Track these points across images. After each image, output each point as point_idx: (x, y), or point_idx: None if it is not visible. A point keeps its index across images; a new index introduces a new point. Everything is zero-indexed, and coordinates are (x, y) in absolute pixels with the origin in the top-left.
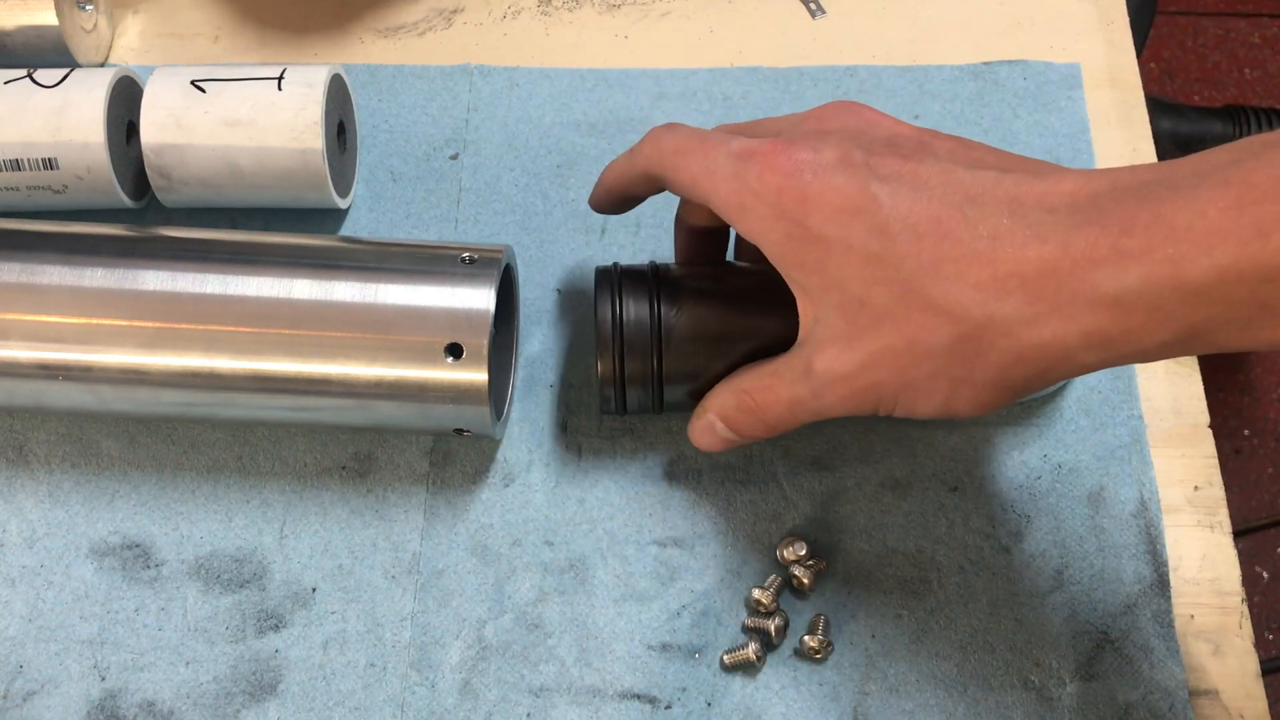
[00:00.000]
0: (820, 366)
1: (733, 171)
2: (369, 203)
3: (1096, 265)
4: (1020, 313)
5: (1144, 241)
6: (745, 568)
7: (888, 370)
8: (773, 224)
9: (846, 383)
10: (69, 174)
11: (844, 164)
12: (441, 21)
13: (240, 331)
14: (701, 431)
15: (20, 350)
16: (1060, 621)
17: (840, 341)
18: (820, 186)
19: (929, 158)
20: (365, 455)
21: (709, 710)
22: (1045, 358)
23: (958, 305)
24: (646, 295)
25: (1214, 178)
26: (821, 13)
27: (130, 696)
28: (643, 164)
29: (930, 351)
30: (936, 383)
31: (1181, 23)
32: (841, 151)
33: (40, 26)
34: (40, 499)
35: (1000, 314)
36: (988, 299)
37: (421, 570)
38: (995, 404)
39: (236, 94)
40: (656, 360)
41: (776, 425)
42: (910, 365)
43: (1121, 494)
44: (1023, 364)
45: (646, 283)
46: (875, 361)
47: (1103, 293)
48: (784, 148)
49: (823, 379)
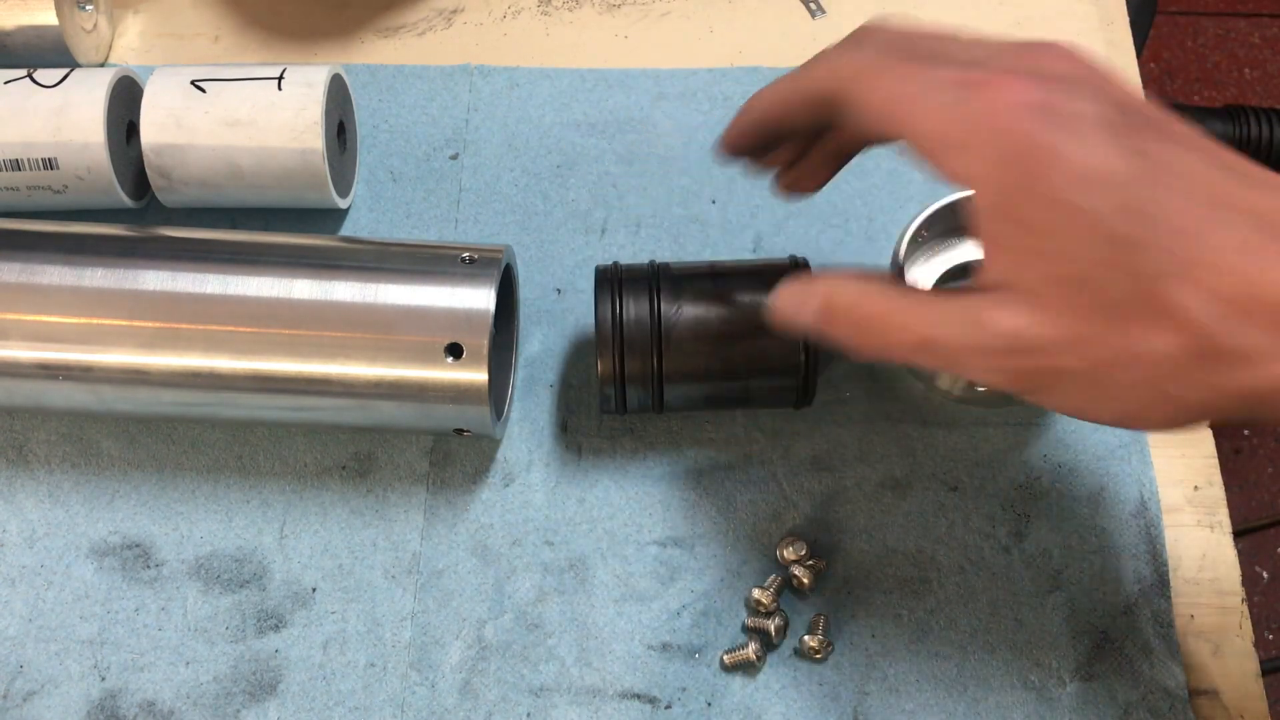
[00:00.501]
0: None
1: (949, 100)
2: (369, 203)
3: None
4: (1266, 343)
5: None
6: (745, 568)
7: (1086, 360)
8: (995, 169)
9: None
10: (69, 174)
11: (1102, 122)
12: (441, 21)
13: (240, 331)
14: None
15: (20, 350)
16: (1060, 621)
17: (1038, 309)
18: (1071, 143)
19: (1179, 142)
20: (365, 455)
21: (709, 710)
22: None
23: (1197, 318)
24: (647, 294)
25: None
26: (821, 13)
27: (130, 696)
28: (814, 85)
29: (1147, 357)
30: (1137, 392)
31: (1181, 23)
32: (1098, 107)
33: (40, 26)
34: (40, 499)
35: (1243, 340)
36: (1233, 319)
37: (421, 570)
38: (1187, 426)
39: (236, 94)
40: (656, 359)
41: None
42: (1115, 364)
43: (1121, 494)
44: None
45: (647, 282)
46: (1075, 345)
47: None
48: (1029, 84)
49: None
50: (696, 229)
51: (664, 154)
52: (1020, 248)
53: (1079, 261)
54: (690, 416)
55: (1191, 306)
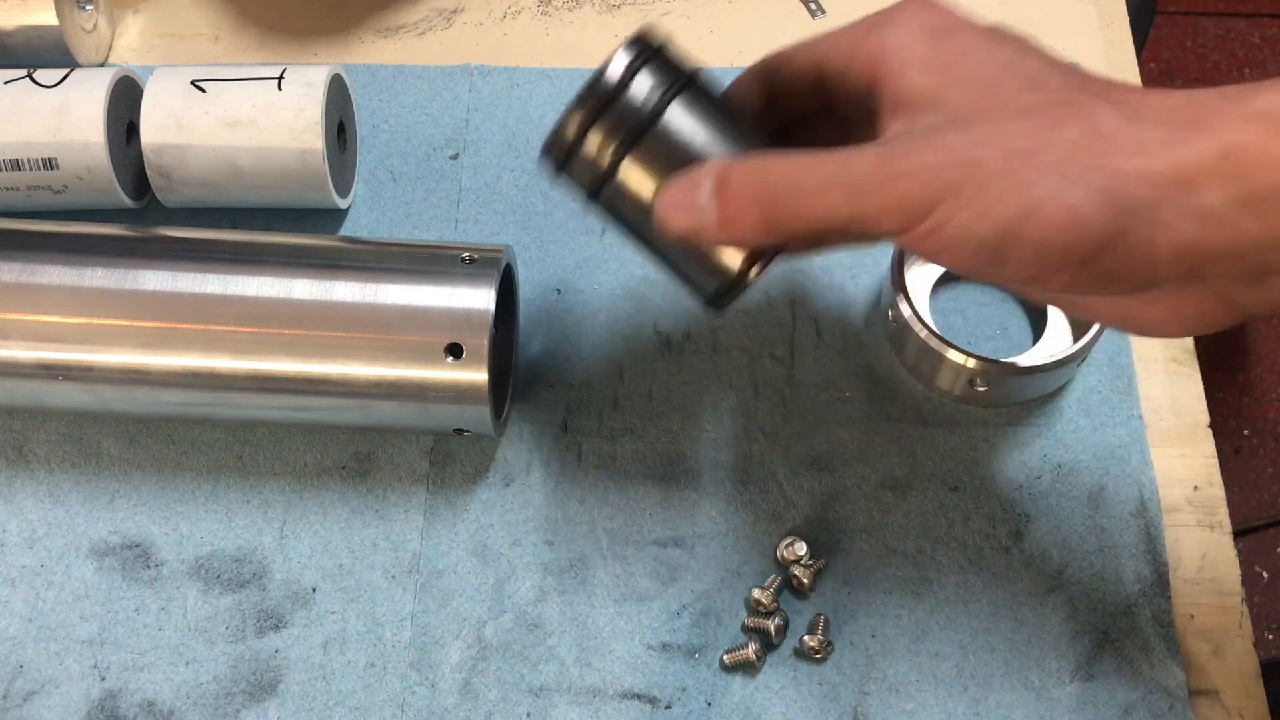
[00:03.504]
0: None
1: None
2: (369, 203)
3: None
4: (1158, 133)
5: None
6: (745, 568)
7: (996, 149)
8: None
9: (939, 150)
10: (69, 174)
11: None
12: (441, 21)
13: (240, 331)
14: (675, 194)
15: (21, 350)
16: (1060, 621)
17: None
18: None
19: None
20: (365, 455)
21: (709, 710)
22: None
23: (1096, 111)
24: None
25: None
26: (821, 13)
27: (130, 696)
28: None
29: (1053, 141)
30: (1044, 175)
31: (1181, 23)
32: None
33: (40, 26)
34: (40, 499)
35: (1137, 130)
36: (1128, 114)
37: (421, 570)
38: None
39: (236, 94)
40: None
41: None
42: (1024, 148)
43: (1121, 494)
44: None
45: (675, 75)
46: (986, 139)
47: (1253, 108)
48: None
49: (906, 142)
50: None
51: None
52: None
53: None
54: (690, 416)
55: (1088, 104)
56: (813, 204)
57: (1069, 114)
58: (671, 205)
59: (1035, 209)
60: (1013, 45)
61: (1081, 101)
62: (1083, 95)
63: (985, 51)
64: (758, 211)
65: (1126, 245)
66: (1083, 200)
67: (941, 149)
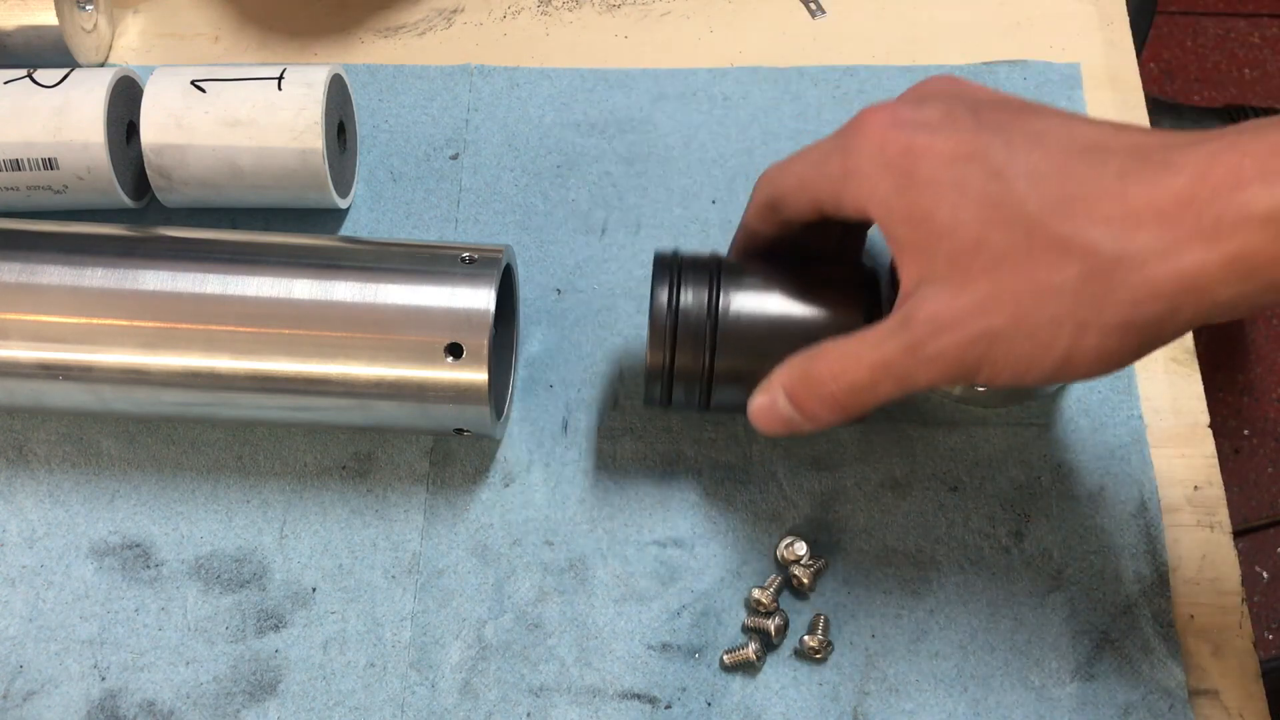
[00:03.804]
0: (924, 314)
1: (835, 147)
2: (369, 203)
3: (1245, 186)
4: (1156, 244)
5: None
6: (745, 568)
7: (1005, 314)
8: (879, 179)
9: (954, 329)
10: (69, 174)
11: (950, 118)
12: (441, 21)
13: (240, 331)
14: (762, 409)
15: (20, 350)
16: (1060, 621)
17: (952, 288)
18: (927, 137)
19: (1040, 114)
20: (365, 455)
21: (709, 710)
22: (1181, 291)
23: (1087, 240)
24: (706, 284)
25: None
26: (821, 13)
27: (130, 696)
28: (758, 199)
29: (1056, 291)
30: (1061, 328)
31: (1181, 23)
32: (946, 108)
33: (40, 26)
34: (40, 499)
35: (1134, 247)
36: (1119, 232)
37: (421, 570)
38: (1121, 352)
39: (236, 94)
40: (709, 355)
41: (850, 401)
42: (1032, 308)
43: (1121, 494)
44: (1156, 300)
45: (707, 271)
46: (992, 304)
47: (1253, 211)
48: (885, 108)
49: (925, 328)
50: (696, 229)
51: (664, 154)
52: (920, 242)
53: (967, 228)
54: (691, 416)
55: (1078, 233)
56: (871, 391)
57: (1057, 257)
58: (762, 418)
59: (1065, 361)
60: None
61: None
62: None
63: (956, 191)
64: (830, 409)
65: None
66: (1103, 341)
67: (955, 327)
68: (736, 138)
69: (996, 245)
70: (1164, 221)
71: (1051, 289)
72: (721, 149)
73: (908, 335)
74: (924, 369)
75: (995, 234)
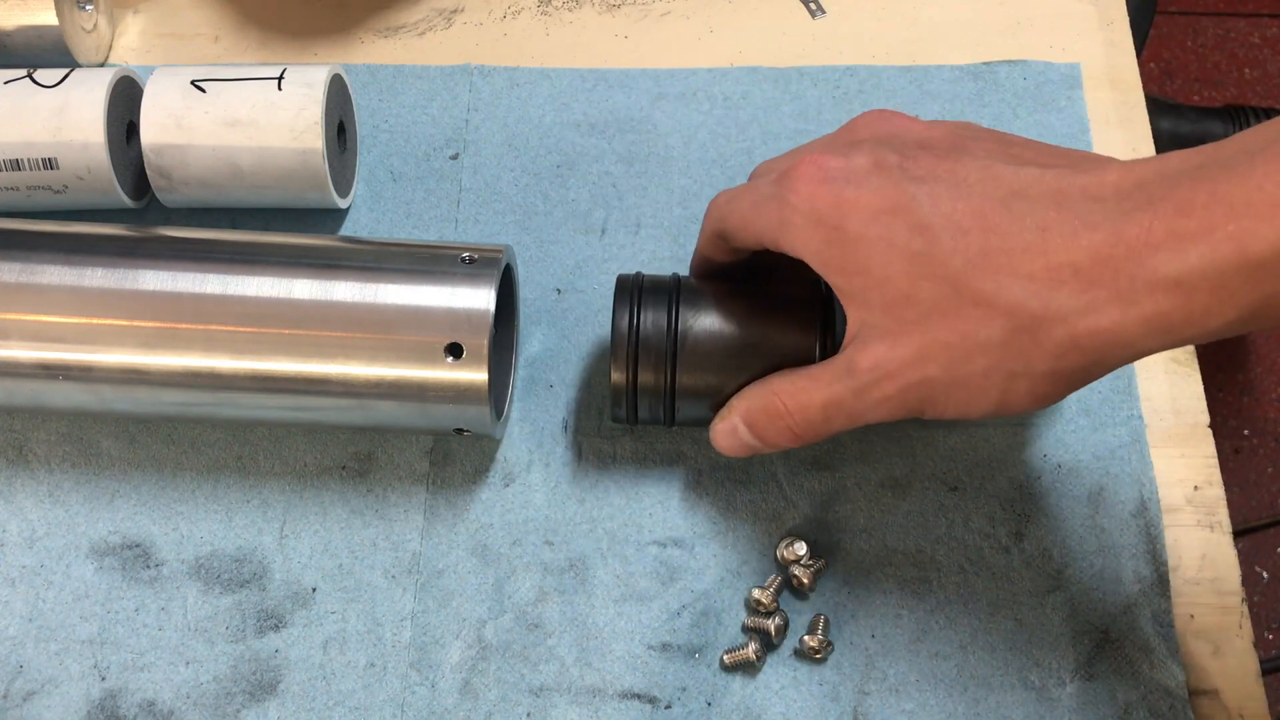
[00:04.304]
0: (866, 363)
1: (772, 194)
2: (369, 203)
3: (1155, 249)
4: (1076, 302)
5: (1203, 221)
6: (745, 568)
7: (939, 365)
8: (812, 233)
9: (894, 379)
10: (69, 174)
11: (877, 168)
12: (441, 21)
13: (240, 331)
14: (724, 434)
15: (20, 350)
16: (1060, 621)
17: (889, 337)
18: (855, 191)
19: (965, 157)
20: (365, 455)
21: (709, 710)
22: (1104, 345)
23: (1010, 298)
24: (666, 306)
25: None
26: (821, 13)
27: (130, 696)
28: (708, 229)
29: (984, 346)
30: (991, 378)
31: (1181, 23)
32: (874, 157)
33: (40, 26)
34: (40, 499)
35: (1055, 304)
36: (1041, 290)
37: (421, 570)
38: (1053, 396)
39: (236, 94)
40: (670, 373)
41: (805, 432)
42: (963, 360)
43: (1121, 494)
44: (1079, 353)
45: (667, 293)
46: (926, 355)
47: (1163, 276)
48: (815, 159)
49: (868, 375)
50: (696, 229)
51: (664, 154)
52: (856, 292)
53: (897, 281)
54: None
55: (1001, 290)
56: (825, 425)
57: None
58: (724, 443)
59: (1000, 404)
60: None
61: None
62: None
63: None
64: (787, 439)
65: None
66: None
67: (895, 376)
68: (736, 138)
69: (926, 299)
70: (1082, 280)
71: (979, 343)
72: (721, 149)
73: (853, 381)
74: (872, 410)
75: (923, 288)
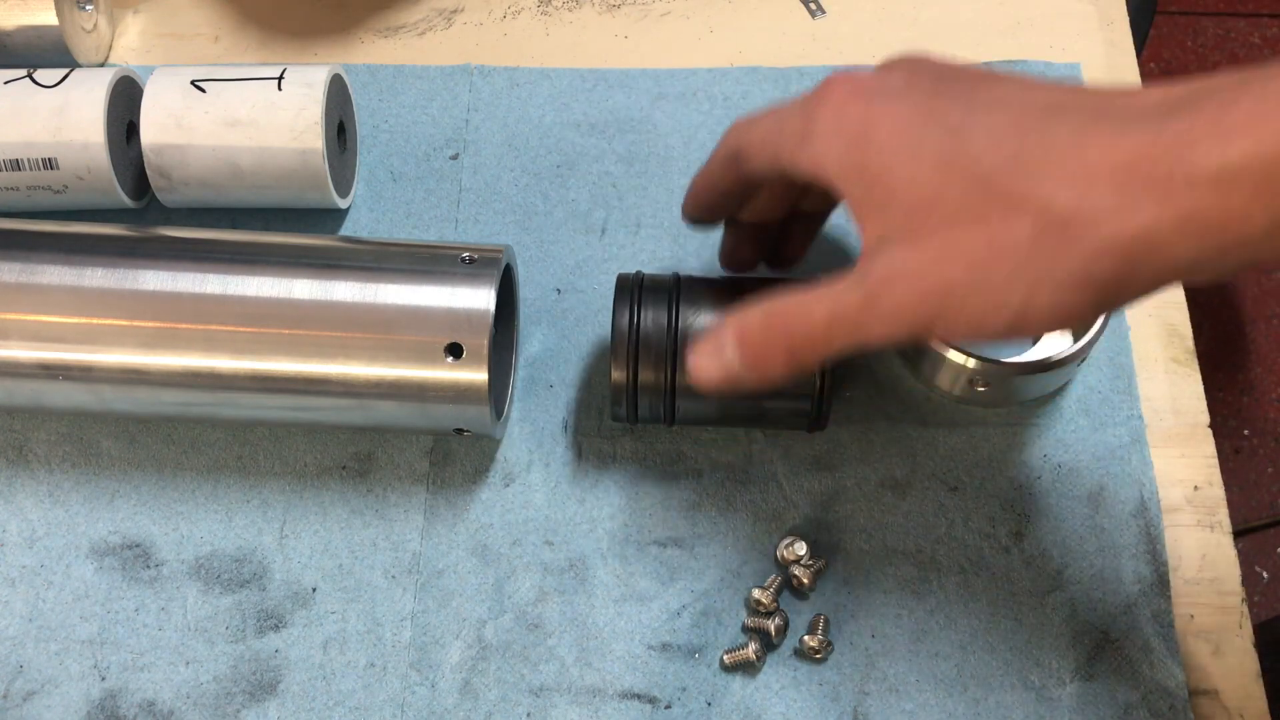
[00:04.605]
0: (881, 268)
1: (799, 109)
2: (369, 203)
3: (1195, 144)
4: (1109, 201)
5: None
6: (745, 568)
7: (961, 267)
8: (833, 141)
9: (910, 282)
10: (69, 174)
11: (911, 85)
12: (441, 21)
13: (240, 331)
14: (706, 355)
15: (20, 350)
16: (1060, 621)
17: (907, 242)
18: (885, 105)
19: (1001, 80)
20: (365, 455)
21: (709, 710)
22: (1136, 248)
23: (1041, 198)
24: (666, 305)
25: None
26: (821, 13)
27: (130, 696)
28: (723, 148)
29: (1010, 247)
30: (1013, 285)
31: (1181, 23)
32: (907, 74)
33: (40, 26)
34: (40, 499)
35: (1088, 203)
36: (1075, 188)
37: (421, 570)
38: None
39: (236, 94)
40: (670, 371)
41: (802, 349)
42: (987, 263)
43: (1121, 494)
44: (1110, 256)
45: (667, 292)
46: (947, 257)
47: (1202, 170)
48: (850, 77)
49: (882, 281)
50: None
51: (664, 154)
52: (876, 199)
53: (923, 185)
54: None
55: (1032, 190)
56: (825, 342)
57: (1012, 214)
58: (702, 367)
59: (1019, 316)
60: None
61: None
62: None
63: (911, 150)
64: (780, 353)
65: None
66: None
67: (912, 279)
68: None
69: (952, 201)
70: (1118, 178)
71: (1006, 245)
72: None
73: (864, 289)
74: (879, 323)
75: (950, 190)
